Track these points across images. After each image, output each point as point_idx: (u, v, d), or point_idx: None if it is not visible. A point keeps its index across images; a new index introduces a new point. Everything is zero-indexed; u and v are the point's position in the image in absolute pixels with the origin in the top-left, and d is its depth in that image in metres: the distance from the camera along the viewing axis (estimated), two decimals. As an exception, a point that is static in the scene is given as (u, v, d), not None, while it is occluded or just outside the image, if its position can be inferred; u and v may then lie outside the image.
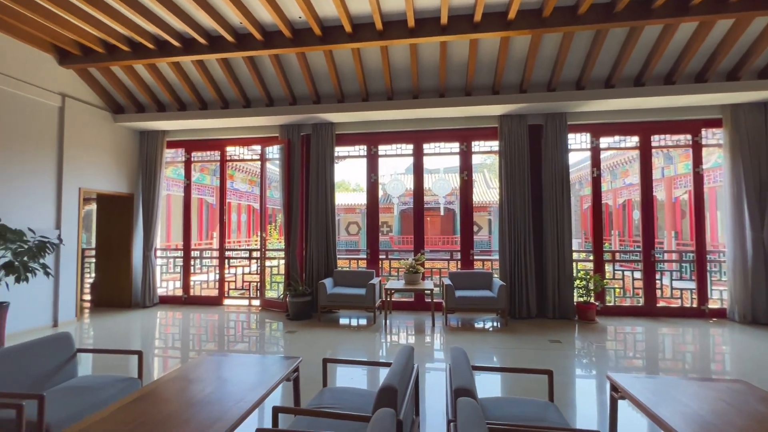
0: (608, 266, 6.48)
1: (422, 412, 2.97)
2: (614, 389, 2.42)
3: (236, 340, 5.15)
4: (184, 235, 7.39)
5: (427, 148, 6.67)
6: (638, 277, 6.26)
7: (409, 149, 6.72)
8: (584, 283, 5.88)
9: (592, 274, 6.04)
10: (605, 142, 6.36)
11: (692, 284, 6.10)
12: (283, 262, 6.83)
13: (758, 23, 4.73)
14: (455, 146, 6.60)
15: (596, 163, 6.29)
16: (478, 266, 6.81)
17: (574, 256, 6.03)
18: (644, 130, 6.13)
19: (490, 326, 5.53)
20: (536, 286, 5.99)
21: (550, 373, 2.43)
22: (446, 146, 6.69)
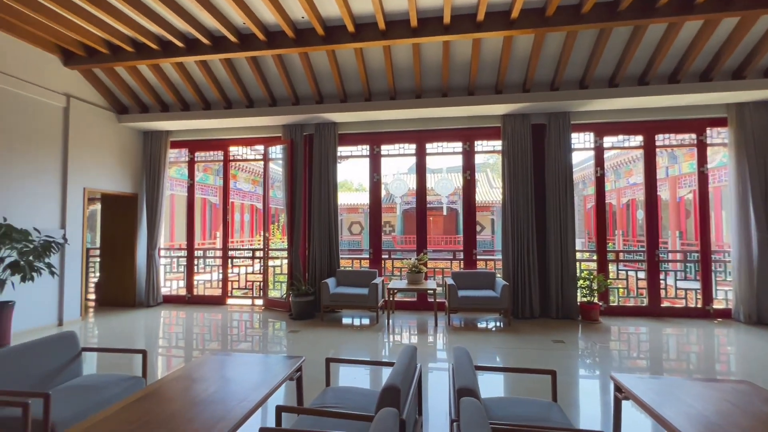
0: (612, 266, 6.46)
1: (425, 411, 2.97)
2: (618, 389, 2.41)
3: (239, 339, 5.16)
4: (187, 234, 7.42)
5: (429, 147, 6.66)
6: (642, 277, 6.23)
7: (411, 149, 6.71)
8: (587, 283, 5.86)
9: (595, 274, 6.02)
10: (609, 141, 6.34)
11: (697, 284, 6.06)
12: (286, 261, 6.85)
13: (764, 21, 4.70)
14: (458, 146, 6.59)
15: (600, 162, 6.26)
16: (480, 266, 6.80)
17: (577, 255, 6.01)
18: (648, 129, 6.10)
19: (492, 326, 5.52)
20: (539, 286, 5.97)
21: (553, 373, 2.42)
22: (449, 146, 6.68)
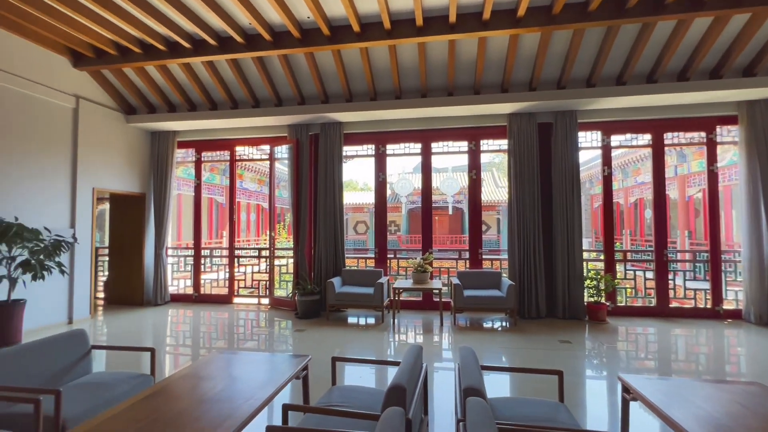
0: (619, 266, 6.39)
1: (431, 411, 2.97)
2: (626, 390, 2.39)
3: (246, 338, 5.20)
4: (194, 234, 7.49)
5: (435, 147, 6.65)
6: (650, 277, 6.17)
7: (417, 148, 6.71)
8: (595, 282, 5.81)
9: (602, 273, 5.97)
10: (616, 140, 6.27)
11: (706, 284, 5.98)
12: (291, 261, 6.88)
13: (775, 17, 4.62)
14: (464, 145, 6.57)
15: (607, 161, 6.21)
16: (486, 266, 6.77)
17: (584, 255, 5.96)
18: (657, 127, 6.03)
19: (498, 326, 5.50)
20: (546, 285, 5.93)
21: (560, 373, 2.41)
22: (454, 145, 6.66)
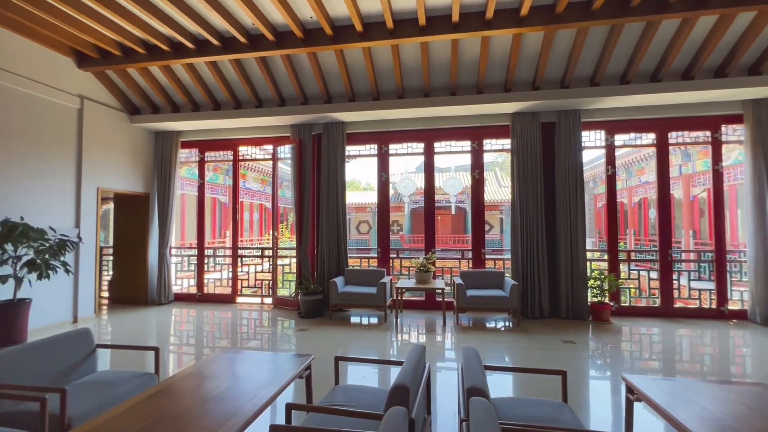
0: (623, 266, 6.36)
1: (434, 411, 2.97)
2: (630, 391, 2.38)
3: (249, 337, 5.22)
4: (198, 233, 7.51)
5: (438, 146, 6.64)
6: (654, 277, 6.13)
7: (420, 148, 6.70)
8: (598, 282, 5.79)
9: (606, 273, 5.94)
10: (620, 139, 6.24)
11: (711, 285, 5.95)
12: (294, 260, 6.89)
13: (782, 15, 4.58)
14: (466, 144, 6.56)
15: (611, 160, 6.18)
16: (489, 265, 6.76)
17: (588, 255, 5.93)
18: (661, 126, 5.99)
19: (501, 326, 5.49)
20: (549, 285, 5.92)
21: (563, 373, 2.40)
22: (457, 144, 6.65)
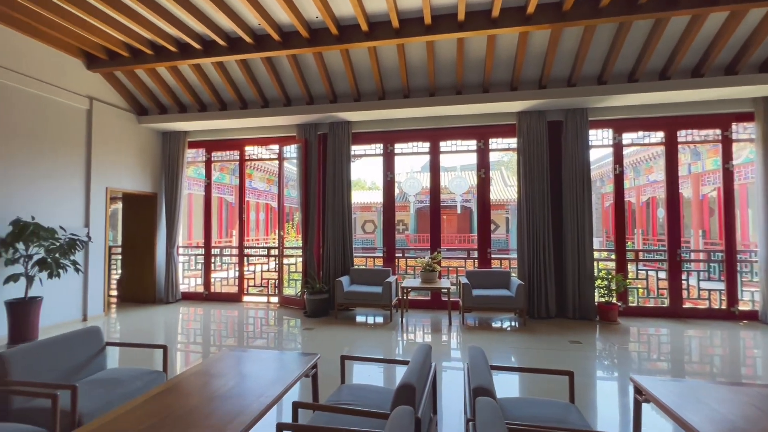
0: (631, 266, 6.29)
1: (440, 410, 2.97)
2: (638, 392, 2.36)
3: (255, 336, 5.25)
4: (204, 233, 7.57)
5: (443, 145, 6.62)
6: (663, 277, 6.06)
7: (425, 147, 6.69)
8: (606, 282, 5.73)
9: (614, 273, 5.89)
10: (628, 138, 6.18)
11: (721, 285, 5.87)
12: (300, 259, 6.92)
13: (794, 11, 4.50)
14: (472, 144, 6.53)
15: (618, 159, 6.12)
16: (495, 265, 6.73)
17: (595, 255, 5.89)
18: (670, 125, 5.92)
19: (508, 326, 5.47)
20: (556, 285, 5.88)
21: (570, 374, 2.39)
22: (463, 144, 6.62)
